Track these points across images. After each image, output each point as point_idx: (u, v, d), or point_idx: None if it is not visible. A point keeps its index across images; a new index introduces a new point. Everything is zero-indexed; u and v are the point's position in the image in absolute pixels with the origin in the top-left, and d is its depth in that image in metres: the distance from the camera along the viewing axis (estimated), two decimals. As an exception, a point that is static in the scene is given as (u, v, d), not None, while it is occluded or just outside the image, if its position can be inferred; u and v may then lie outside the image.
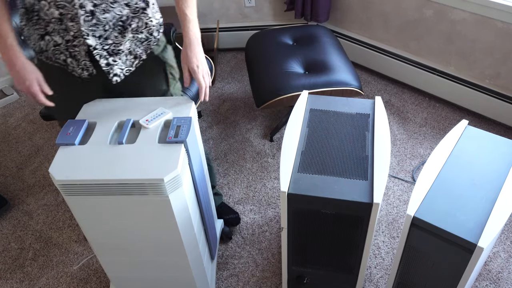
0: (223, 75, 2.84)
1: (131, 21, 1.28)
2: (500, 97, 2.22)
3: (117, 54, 1.30)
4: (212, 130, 2.45)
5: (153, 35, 1.36)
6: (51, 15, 1.18)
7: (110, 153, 1.21)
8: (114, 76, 1.32)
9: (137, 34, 1.31)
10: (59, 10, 1.17)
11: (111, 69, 1.30)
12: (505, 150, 1.31)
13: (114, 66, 1.31)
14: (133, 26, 1.29)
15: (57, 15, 1.18)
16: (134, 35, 1.31)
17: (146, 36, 1.34)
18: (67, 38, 1.23)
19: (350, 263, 1.42)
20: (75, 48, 1.25)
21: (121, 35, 1.27)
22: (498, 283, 1.68)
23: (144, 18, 1.31)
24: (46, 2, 1.16)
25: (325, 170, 1.28)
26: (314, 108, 1.49)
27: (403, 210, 1.96)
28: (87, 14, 1.18)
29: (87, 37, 1.22)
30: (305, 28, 2.38)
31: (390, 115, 2.44)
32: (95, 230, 1.33)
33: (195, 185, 1.36)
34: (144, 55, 1.36)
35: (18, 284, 1.81)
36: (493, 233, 1.09)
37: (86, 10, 1.18)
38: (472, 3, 2.09)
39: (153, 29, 1.36)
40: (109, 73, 1.31)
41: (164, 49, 1.43)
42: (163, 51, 1.43)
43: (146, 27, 1.33)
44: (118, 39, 1.27)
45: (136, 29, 1.31)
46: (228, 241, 1.90)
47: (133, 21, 1.29)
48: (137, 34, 1.31)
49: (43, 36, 1.25)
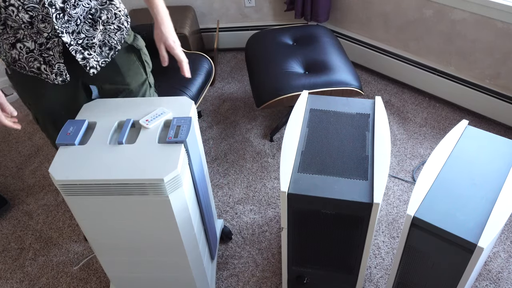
0: (223, 75, 2.84)
1: (100, 13, 1.29)
2: (500, 97, 2.22)
3: (91, 47, 1.30)
4: (212, 130, 2.45)
5: (124, 25, 1.37)
6: (21, 20, 1.15)
7: (110, 153, 1.21)
8: (91, 69, 1.33)
9: (108, 25, 1.32)
10: (29, 14, 1.14)
11: (87, 63, 1.31)
12: (505, 150, 1.31)
13: (90, 59, 1.31)
14: (103, 18, 1.30)
15: (28, 19, 1.15)
16: (106, 27, 1.32)
17: (118, 26, 1.35)
18: (40, 42, 1.22)
19: (350, 263, 1.42)
20: (49, 52, 1.24)
21: (93, 28, 1.28)
22: (498, 283, 1.68)
23: (113, 9, 1.33)
24: (14, 7, 1.13)
25: (325, 170, 1.28)
26: (314, 108, 1.49)
27: (403, 210, 1.96)
28: (58, 12, 1.17)
29: (62, 34, 1.21)
30: (305, 28, 2.38)
31: (390, 115, 2.44)
32: (95, 230, 1.33)
33: (195, 185, 1.36)
34: (119, 45, 1.37)
35: (18, 284, 1.81)
36: (493, 233, 1.09)
37: (57, 7, 1.16)
38: (472, 3, 2.09)
39: (123, 19, 1.37)
40: (86, 66, 1.31)
41: (135, 37, 1.45)
42: (135, 39, 1.44)
43: (116, 17, 1.34)
44: (90, 32, 1.28)
45: (107, 21, 1.32)
46: (228, 241, 1.90)
47: (102, 13, 1.29)
48: (108, 26, 1.32)
49: (14, 45, 1.23)
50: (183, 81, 2.00)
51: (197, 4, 2.84)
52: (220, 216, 2.01)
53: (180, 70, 1.38)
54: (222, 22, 2.94)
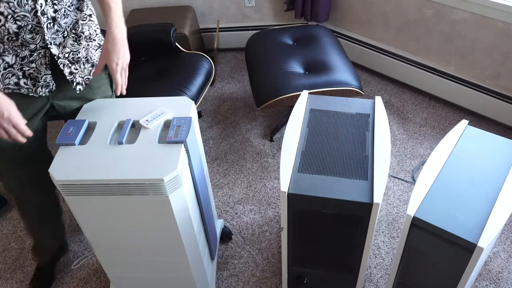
0: (223, 75, 2.84)
1: (82, 28, 1.28)
2: (500, 97, 2.22)
3: (77, 62, 1.28)
4: (212, 130, 2.45)
5: (101, 43, 1.36)
6: (7, 30, 1.10)
7: (110, 153, 1.21)
8: (77, 85, 1.31)
9: (91, 41, 1.32)
10: (17, 23, 1.10)
11: (74, 78, 1.29)
12: (505, 150, 1.31)
13: (76, 74, 1.29)
14: (86, 34, 1.30)
15: (15, 29, 1.11)
16: (88, 43, 1.31)
17: (98, 44, 1.35)
18: (22, 55, 1.18)
19: (350, 263, 1.42)
20: (31, 65, 1.20)
21: (77, 42, 1.27)
22: (498, 283, 1.68)
23: (92, 25, 1.33)
24: (2, 16, 1.07)
25: (325, 170, 1.28)
26: (314, 108, 1.49)
27: (403, 210, 1.96)
28: (49, 21, 1.15)
29: (51, 46, 1.18)
30: (305, 28, 2.38)
31: (390, 115, 2.44)
32: (95, 230, 1.33)
33: (195, 185, 1.36)
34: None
35: (18, 284, 1.81)
36: (493, 233, 1.09)
37: (48, 16, 1.14)
38: (472, 3, 2.09)
39: (101, 37, 1.36)
40: (72, 82, 1.29)
41: None
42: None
43: (96, 34, 1.34)
44: (75, 47, 1.27)
45: (89, 37, 1.31)
46: (228, 241, 1.90)
47: (84, 28, 1.29)
48: (90, 42, 1.32)
49: None
50: (183, 81, 2.00)
51: (197, 4, 2.84)
52: (220, 216, 2.01)
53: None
54: (222, 22, 2.94)
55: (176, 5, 2.82)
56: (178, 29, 2.49)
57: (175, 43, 2.15)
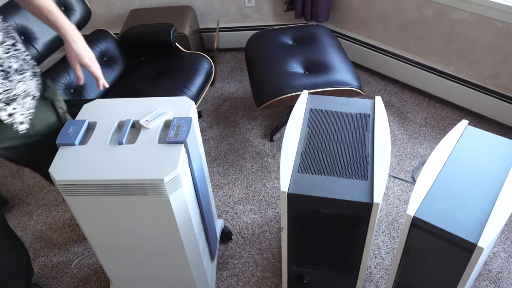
0: (223, 75, 2.84)
1: (9, 62, 1.15)
2: (500, 97, 2.22)
3: (14, 101, 1.17)
4: (212, 130, 2.45)
5: (36, 70, 1.26)
6: None
7: (110, 153, 1.21)
8: (20, 125, 1.21)
9: (23, 73, 1.20)
10: None
11: (14, 120, 1.19)
12: (505, 150, 1.31)
13: (15, 114, 1.19)
14: (15, 67, 1.17)
15: None
16: (22, 75, 1.20)
17: (33, 73, 1.24)
18: None
19: (350, 263, 1.42)
20: None
21: (8, 80, 1.14)
22: (498, 283, 1.68)
23: (20, 55, 1.20)
24: None
25: (325, 170, 1.28)
26: (314, 108, 1.49)
27: (403, 210, 1.96)
28: None
29: None
30: (305, 28, 2.38)
31: (390, 115, 2.44)
32: (95, 230, 1.33)
33: (195, 185, 1.36)
34: (38, 92, 1.26)
35: (18, 284, 1.82)
36: (493, 233, 1.09)
37: None
38: (472, 3, 2.09)
39: (33, 64, 1.25)
40: (13, 125, 1.19)
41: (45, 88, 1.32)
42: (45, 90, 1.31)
43: (27, 62, 1.23)
44: (7, 85, 1.14)
45: (21, 70, 1.19)
46: (228, 241, 1.90)
47: (11, 61, 1.16)
48: (23, 74, 1.20)
49: None
50: (183, 81, 2.00)
51: (197, 4, 2.84)
52: (220, 216, 2.01)
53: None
54: (222, 22, 2.94)
55: (176, 5, 2.82)
56: (178, 29, 2.49)
57: (175, 43, 2.15)
